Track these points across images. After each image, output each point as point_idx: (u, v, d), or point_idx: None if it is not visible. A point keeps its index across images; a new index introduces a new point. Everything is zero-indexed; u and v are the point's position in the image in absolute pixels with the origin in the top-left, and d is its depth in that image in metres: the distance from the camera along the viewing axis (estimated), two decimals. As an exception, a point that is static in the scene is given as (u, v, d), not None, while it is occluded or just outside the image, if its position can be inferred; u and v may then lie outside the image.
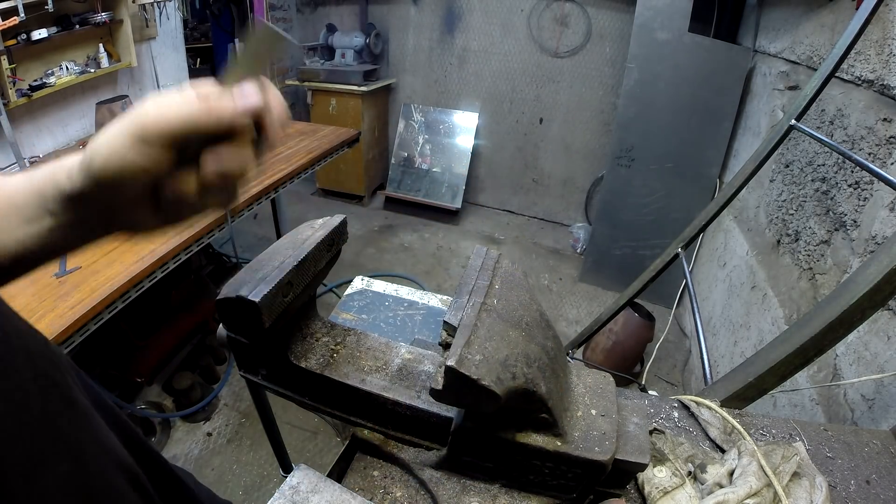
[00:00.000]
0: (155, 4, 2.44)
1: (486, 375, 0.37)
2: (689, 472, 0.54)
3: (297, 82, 3.38)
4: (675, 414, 0.64)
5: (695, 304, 1.17)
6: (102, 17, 2.05)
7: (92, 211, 0.32)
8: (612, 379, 0.49)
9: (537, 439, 0.43)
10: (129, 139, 0.29)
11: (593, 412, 0.45)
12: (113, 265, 1.32)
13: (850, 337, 1.04)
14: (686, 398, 0.65)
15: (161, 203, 0.31)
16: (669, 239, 1.45)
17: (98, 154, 0.29)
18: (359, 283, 1.16)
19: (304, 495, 0.41)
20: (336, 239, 0.49)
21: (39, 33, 1.75)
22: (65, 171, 0.32)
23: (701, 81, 2.37)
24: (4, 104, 1.72)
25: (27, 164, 1.85)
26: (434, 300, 1.12)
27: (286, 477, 0.43)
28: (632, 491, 0.54)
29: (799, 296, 1.43)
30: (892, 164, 1.12)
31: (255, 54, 0.32)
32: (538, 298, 0.48)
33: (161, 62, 2.65)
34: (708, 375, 0.99)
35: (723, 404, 0.65)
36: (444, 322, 0.42)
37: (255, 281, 0.41)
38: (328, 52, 3.44)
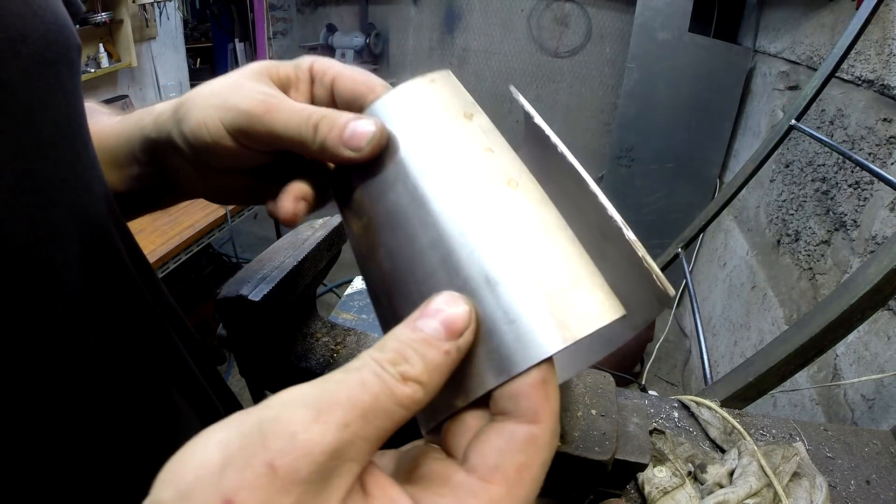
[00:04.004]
0: (155, 4, 2.44)
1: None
2: (689, 472, 0.54)
3: (297, 82, 3.38)
4: (675, 414, 0.64)
5: (695, 304, 1.17)
6: (102, 17, 2.05)
7: (173, 163, 0.30)
8: (612, 379, 0.49)
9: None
10: (223, 125, 0.26)
11: (593, 412, 0.45)
12: (113, 265, 1.32)
13: (850, 337, 1.04)
14: (686, 398, 0.65)
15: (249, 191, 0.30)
16: (669, 239, 1.45)
17: (189, 121, 0.27)
18: (359, 283, 1.16)
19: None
20: (336, 239, 0.49)
21: (39, 33, 1.75)
22: (152, 116, 0.30)
23: (701, 81, 2.37)
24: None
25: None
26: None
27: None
28: (632, 491, 0.54)
29: (799, 296, 1.43)
30: (892, 164, 1.12)
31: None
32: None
33: (161, 62, 2.65)
34: (708, 375, 0.99)
35: (723, 404, 0.65)
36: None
37: (255, 281, 0.41)
38: (328, 52, 3.44)
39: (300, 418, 0.15)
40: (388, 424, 0.17)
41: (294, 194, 0.27)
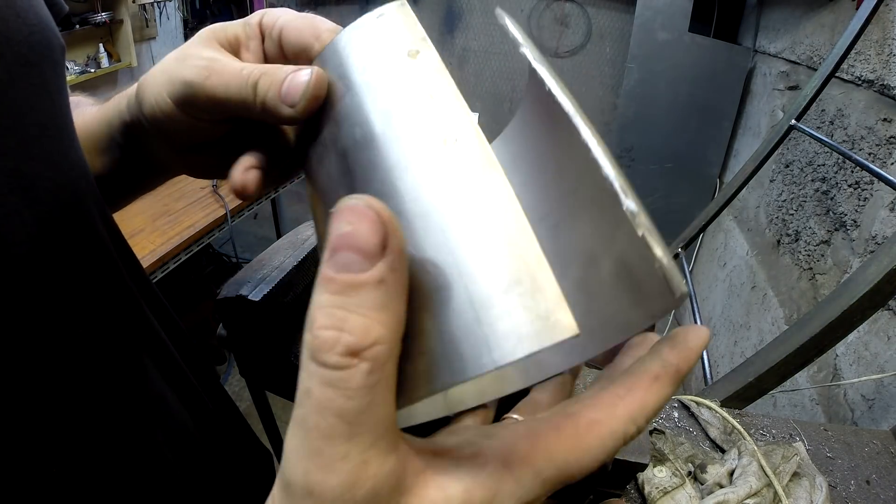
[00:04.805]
0: (155, 4, 2.45)
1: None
2: (689, 472, 0.54)
3: (297, 82, 3.38)
4: (675, 414, 0.64)
5: (695, 304, 1.17)
6: (102, 17, 2.05)
7: (152, 143, 0.29)
8: (612, 379, 0.49)
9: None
10: (171, 100, 0.25)
11: (593, 412, 0.45)
12: (113, 265, 1.32)
13: (850, 337, 1.04)
14: (686, 398, 0.65)
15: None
16: (669, 239, 1.45)
17: (145, 101, 0.26)
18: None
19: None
20: (336, 239, 0.49)
21: (39, 33, 1.75)
22: (126, 99, 0.30)
23: (701, 81, 2.37)
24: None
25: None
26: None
27: (286, 477, 0.43)
28: (632, 491, 0.54)
29: (799, 296, 1.43)
30: (892, 164, 1.12)
31: None
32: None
33: (161, 62, 2.65)
34: (708, 375, 0.99)
35: (723, 404, 0.65)
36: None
37: (255, 281, 0.41)
38: (328, 52, 3.44)
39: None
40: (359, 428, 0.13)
41: (244, 165, 0.25)
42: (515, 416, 0.21)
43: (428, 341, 0.14)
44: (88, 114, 0.33)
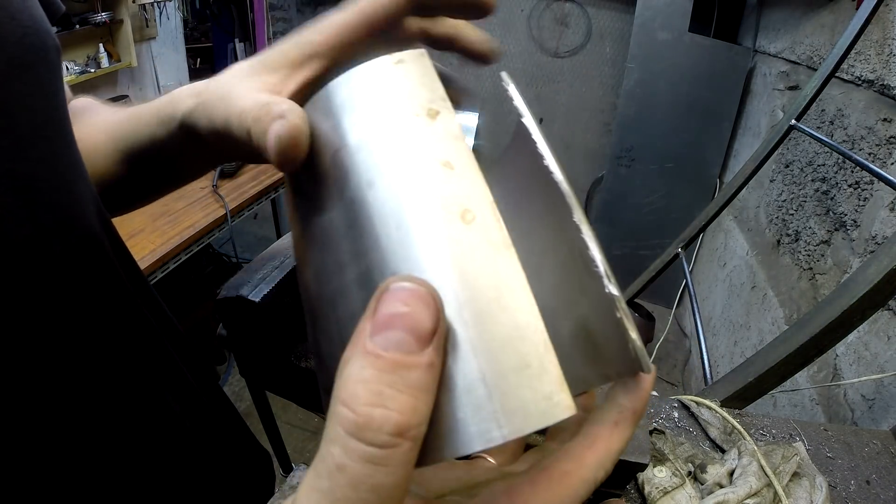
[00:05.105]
0: (155, 4, 2.44)
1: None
2: (689, 472, 0.54)
3: (297, 82, 3.37)
4: (675, 414, 0.64)
5: (695, 304, 1.17)
6: (102, 17, 2.05)
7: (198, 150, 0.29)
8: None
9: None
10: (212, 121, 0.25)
11: (593, 412, 0.45)
12: (113, 265, 1.32)
13: (850, 337, 1.04)
14: (686, 398, 0.65)
15: None
16: (669, 239, 1.45)
17: (199, 126, 0.26)
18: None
19: (304, 495, 0.41)
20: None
21: (39, 33, 1.75)
22: (177, 105, 0.29)
23: (701, 81, 2.37)
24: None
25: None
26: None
27: (286, 477, 0.43)
28: (632, 491, 0.54)
29: (799, 296, 1.43)
30: (892, 164, 1.12)
31: None
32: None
33: (161, 62, 2.65)
34: (708, 375, 0.99)
35: (723, 404, 0.65)
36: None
37: (255, 281, 0.41)
38: (328, 52, 3.43)
39: None
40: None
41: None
42: (488, 458, 0.23)
43: (438, 412, 0.15)
44: (114, 120, 0.33)
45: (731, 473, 0.54)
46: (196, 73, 3.15)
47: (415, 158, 0.17)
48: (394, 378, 0.13)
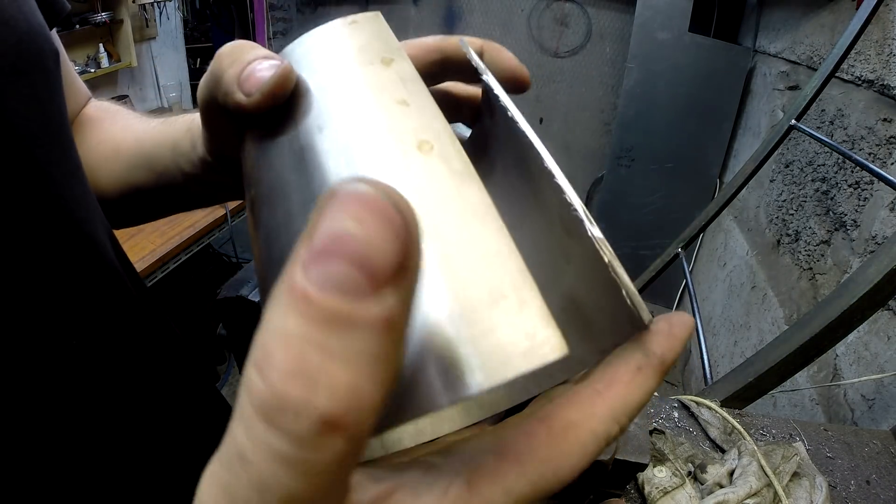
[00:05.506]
0: (155, 4, 2.45)
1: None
2: (689, 472, 0.54)
3: (297, 82, 3.37)
4: (675, 414, 0.64)
5: (695, 304, 1.17)
6: (102, 17, 2.05)
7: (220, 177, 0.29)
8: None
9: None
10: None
11: (593, 412, 0.45)
12: (113, 265, 1.32)
13: (850, 337, 1.04)
14: (686, 398, 0.65)
15: None
16: (669, 239, 1.45)
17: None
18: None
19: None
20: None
21: (39, 33, 1.75)
22: (190, 134, 0.29)
23: (701, 81, 2.37)
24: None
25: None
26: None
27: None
28: (632, 491, 0.54)
29: (799, 296, 1.43)
30: (892, 164, 1.12)
31: None
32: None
33: (161, 62, 2.65)
34: (708, 375, 0.99)
35: (723, 404, 0.65)
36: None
37: (255, 281, 0.41)
38: (328, 52, 3.43)
39: None
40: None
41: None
42: None
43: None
44: (146, 130, 0.33)
45: (731, 473, 0.54)
46: (196, 73, 3.15)
47: (367, 99, 0.16)
48: (328, 337, 0.08)
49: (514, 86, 0.23)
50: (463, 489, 0.12)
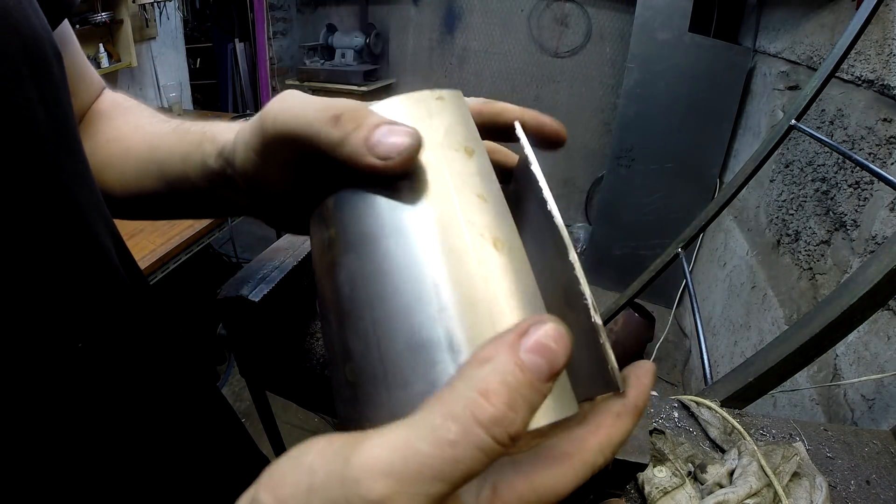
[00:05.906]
0: (155, 4, 2.44)
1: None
2: (689, 472, 0.54)
3: (297, 82, 3.38)
4: (675, 414, 0.64)
5: (695, 304, 1.17)
6: (102, 17, 2.05)
7: (236, 193, 0.29)
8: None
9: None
10: (256, 138, 0.24)
11: (593, 412, 0.45)
12: (113, 265, 1.32)
13: (850, 337, 1.04)
14: (686, 398, 0.65)
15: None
16: (669, 239, 1.45)
17: (237, 155, 0.26)
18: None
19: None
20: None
21: (39, 33, 1.75)
22: (213, 146, 0.29)
23: (701, 81, 2.37)
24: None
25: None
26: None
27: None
28: (632, 491, 0.54)
29: (799, 296, 1.43)
30: (892, 164, 1.12)
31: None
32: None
33: (161, 62, 2.65)
34: (708, 375, 0.99)
35: (723, 404, 0.65)
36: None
37: (255, 281, 0.41)
38: (328, 52, 3.44)
39: (380, 491, 0.14)
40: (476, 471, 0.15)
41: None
42: None
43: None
44: (157, 134, 0.33)
45: (731, 473, 0.54)
46: (196, 74, 3.15)
47: (456, 188, 0.20)
48: (528, 394, 0.15)
49: (554, 143, 0.27)
50: (490, 492, 0.17)
